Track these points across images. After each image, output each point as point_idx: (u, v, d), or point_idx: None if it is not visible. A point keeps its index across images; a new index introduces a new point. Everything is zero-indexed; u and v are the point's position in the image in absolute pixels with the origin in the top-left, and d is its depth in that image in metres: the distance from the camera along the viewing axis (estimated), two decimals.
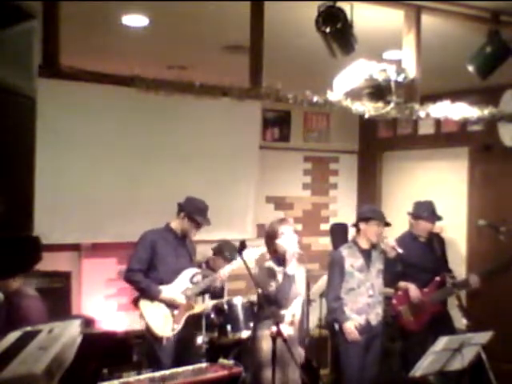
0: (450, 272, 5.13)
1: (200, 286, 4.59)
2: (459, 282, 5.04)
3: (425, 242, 5.20)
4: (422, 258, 5.10)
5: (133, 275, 4.48)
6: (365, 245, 4.57)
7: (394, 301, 5.14)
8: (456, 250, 5.56)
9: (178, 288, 4.53)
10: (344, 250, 4.60)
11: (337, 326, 4.55)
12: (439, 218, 5.16)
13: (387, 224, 4.59)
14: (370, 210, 4.72)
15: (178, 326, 4.49)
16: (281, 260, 4.13)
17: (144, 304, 4.49)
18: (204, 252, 5.51)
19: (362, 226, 4.58)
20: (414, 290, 5.01)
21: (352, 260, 4.53)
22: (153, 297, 4.47)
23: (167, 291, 4.49)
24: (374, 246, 4.58)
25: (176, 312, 4.51)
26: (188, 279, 4.59)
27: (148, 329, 4.45)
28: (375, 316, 4.56)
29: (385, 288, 4.76)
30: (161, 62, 4.75)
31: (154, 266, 4.51)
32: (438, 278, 5.02)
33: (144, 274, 4.49)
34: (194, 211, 4.54)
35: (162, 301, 4.47)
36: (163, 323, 4.46)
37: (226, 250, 5.33)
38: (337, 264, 4.57)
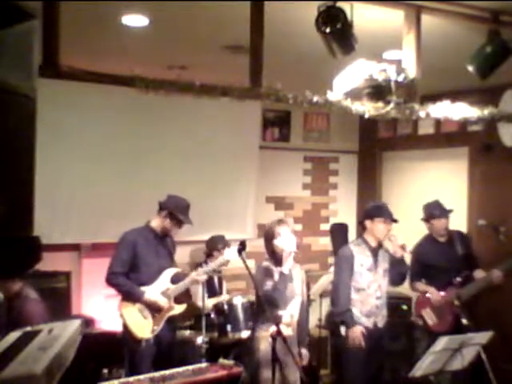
0: (477, 267, 5.03)
1: (181, 286, 4.54)
2: (483, 278, 4.95)
3: (445, 243, 5.11)
4: (442, 259, 5.00)
5: (115, 278, 4.41)
6: (373, 243, 4.48)
7: (417, 305, 5.11)
8: None
9: (158, 288, 4.49)
10: (354, 248, 4.49)
11: (343, 330, 4.48)
12: (450, 211, 5.11)
13: (394, 220, 4.47)
14: (375, 207, 4.59)
15: (158, 328, 4.45)
16: (278, 260, 4.13)
17: (124, 305, 4.44)
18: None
19: (368, 223, 4.49)
20: (434, 294, 4.97)
21: (362, 258, 4.44)
22: (136, 299, 4.42)
23: (150, 293, 4.44)
24: (380, 245, 4.50)
25: (156, 314, 4.46)
26: (169, 279, 4.55)
27: (127, 330, 4.40)
28: (382, 318, 4.50)
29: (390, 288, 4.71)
30: (161, 61, 4.75)
31: (136, 267, 4.45)
32: (459, 279, 4.90)
33: (126, 276, 4.44)
34: (176, 209, 4.48)
35: (144, 303, 4.44)
36: (143, 325, 4.41)
37: (219, 243, 5.34)
38: (346, 261, 4.45)
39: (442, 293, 4.99)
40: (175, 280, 4.55)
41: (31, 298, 3.66)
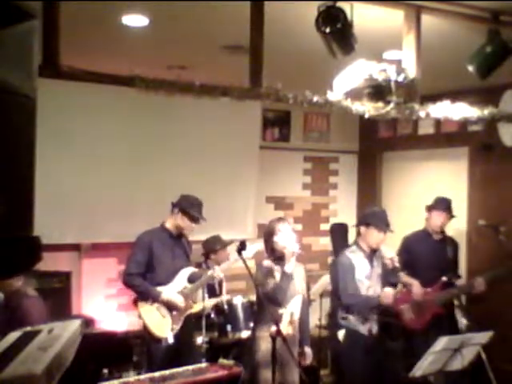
0: (459, 276, 5.08)
1: (197, 284, 4.58)
2: (464, 285, 5.01)
3: (438, 241, 5.13)
4: (432, 255, 5.03)
5: (132, 279, 4.47)
6: (367, 248, 4.44)
7: (397, 299, 5.11)
8: None
9: (175, 288, 4.53)
10: (351, 256, 4.43)
11: (340, 335, 4.48)
12: (453, 215, 5.12)
13: (389, 230, 4.41)
14: (371, 214, 4.51)
15: (177, 327, 4.49)
16: (278, 258, 4.13)
17: (142, 305, 4.48)
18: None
19: (362, 229, 4.45)
20: (417, 287, 4.95)
21: (360, 266, 4.40)
22: (153, 299, 4.46)
23: (167, 293, 4.48)
24: (374, 251, 4.45)
25: (175, 313, 4.50)
26: (185, 278, 4.59)
27: (146, 330, 4.45)
28: (376, 323, 4.47)
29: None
30: (161, 62, 4.75)
31: (152, 267, 4.50)
32: (444, 279, 4.96)
33: (142, 276, 4.48)
34: (189, 206, 4.53)
35: (161, 303, 4.47)
36: (162, 324, 4.45)
37: (217, 243, 5.35)
38: (349, 270, 4.37)
39: (430, 289, 5.00)
40: (192, 279, 4.59)
41: (30, 295, 3.68)
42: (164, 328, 4.45)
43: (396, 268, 4.40)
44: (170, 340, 4.42)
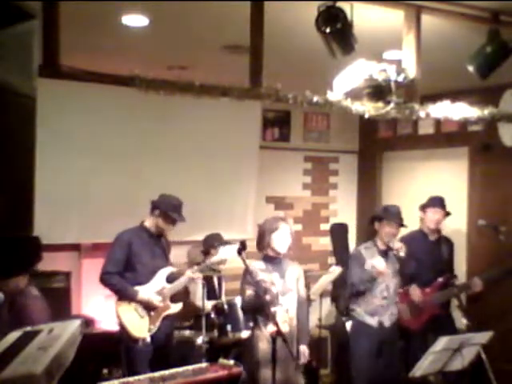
0: (455, 276, 5.12)
1: (176, 285, 4.56)
2: (461, 285, 5.03)
3: (434, 242, 5.18)
4: (428, 256, 5.08)
5: (108, 278, 4.42)
6: (382, 245, 4.61)
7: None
8: (456, 250, 5.56)
9: (154, 288, 4.50)
10: (363, 250, 4.64)
11: (349, 325, 4.57)
12: (448, 212, 5.16)
13: (402, 225, 4.63)
14: (383, 210, 4.76)
15: (154, 327, 4.46)
16: (271, 257, 4.13)
17: (120, 304, 4.45)
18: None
19: (376, 224, 4.65)
20: (414, 290, 4.99)
21: (372, 261, 4.55)
22: (130, 299, 4.43)
23: (144, 292, 4.44)
24: (389, 247, 4.59)
25: (152, 313, 4.48)
26: (164, 279, 4.56)
27: (124, 330, 4.41)
28: (389, 317, 4.58)
29: None
30: (161, 62, 4.75)
31: (132, 267, 4.46)
32: (440, 279, 4.99)
33: (120, 275, 4.44)
34: (169, 208, 4.50)
35: (139, 302, 4.45)
36: (140, 324, 4.42)
37: (215, 241, 5.33)
38: (355, 260, 4.61)
39: (427, 289, 5.03)
40: (171, 279, 4.57)
41: (34, 295, 3.69)
42: (141, 328, 4.42)
43: (407, 257, 4.53)
44: (148, 340, 4.40)
